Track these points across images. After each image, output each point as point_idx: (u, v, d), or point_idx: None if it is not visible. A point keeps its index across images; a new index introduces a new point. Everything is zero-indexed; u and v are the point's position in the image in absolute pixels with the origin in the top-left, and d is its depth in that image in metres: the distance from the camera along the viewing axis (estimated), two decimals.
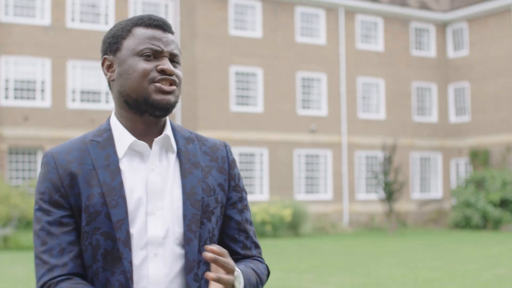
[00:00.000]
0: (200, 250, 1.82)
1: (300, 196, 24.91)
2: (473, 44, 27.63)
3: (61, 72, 22.57)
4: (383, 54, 27.37)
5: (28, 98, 22.19)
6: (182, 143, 1.88)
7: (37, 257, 1.75)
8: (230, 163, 1.94)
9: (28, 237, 17.32)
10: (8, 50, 21.99)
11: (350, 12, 26.66)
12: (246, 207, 1.97)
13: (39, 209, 1.77)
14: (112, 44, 1.85)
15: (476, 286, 10.43)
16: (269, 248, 17.46)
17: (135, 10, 23.83)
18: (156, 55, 1.80)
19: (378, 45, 27.38)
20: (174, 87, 1.80)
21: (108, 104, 23.07)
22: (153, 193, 1.78)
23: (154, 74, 1.78)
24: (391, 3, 27.16)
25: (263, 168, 24.66)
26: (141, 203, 1.77)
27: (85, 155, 1.79)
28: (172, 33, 1.86)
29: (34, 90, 22.28)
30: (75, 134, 22.06)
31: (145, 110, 1.79)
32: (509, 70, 26.18)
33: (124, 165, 1.79)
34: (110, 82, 1.86)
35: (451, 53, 28.62)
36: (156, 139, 1.81)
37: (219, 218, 1.88)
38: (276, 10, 25.20)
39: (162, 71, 1.79)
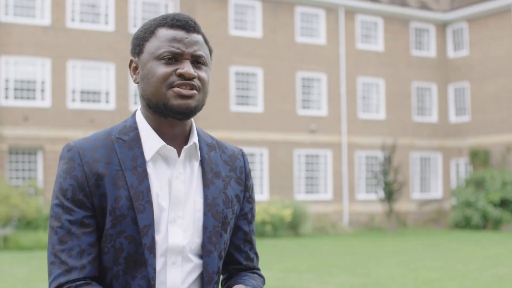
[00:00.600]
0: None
1: (300, 196, 24.91)
2: (473, 44, 27.63)
3: (61, 72, 22.56)
4: (383, 54, 27.37)
5: (28, 98, 22.18)
6: (206, 151, 1.86)
7: (54, 255, 1.70)
8: (247, 174, 1.94)
9: (28, 237, 17.32)
10: (8, 50, 21.99)
11: (350, 12, 26.66)
12: (254, 217, 1.98)
13: (60, 205, 1.72)
14: (136, 46, 1.82)
15: (476, 286, 10.43)
16: (269, 248, 17.46)
17: (135, 10, 23.83)
18: (177, 57, 1.76)
19: (378, 45, 27.38)
20: (194, 92, 1.76)
21: (108, 104, 23.08)
22: (176, 201, 1.76)
23: (173, 79, 1.75)
24: (391, 3, 27.16)
25: (263, 168, 24.66)
26: (164, 210, 1.75)
27: (112, 154, 1.75)
28: (198, 32, 1.81)
29: (34, 90, 22.28)
30: (75, 134, 22.07)
31: (167, 114, 1.76)
32: (509, 70, 26.18)
33: (150, 168, 1.76)
34: (136, 83, 1.84)
35: (451, 53, 28.62)
36: (185, 147, 1.79)
37: (231, 229, 1.89)
38: (276, 10, 25.21)
39: (181, 76, 1.75)
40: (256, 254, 1.99)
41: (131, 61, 1.84)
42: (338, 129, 26.07)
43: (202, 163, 1.84)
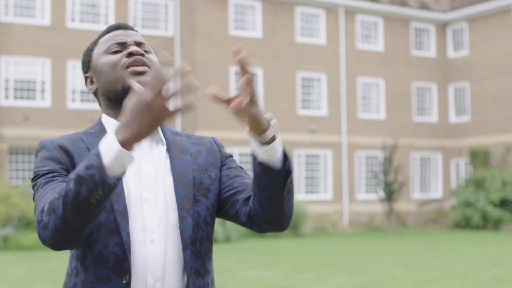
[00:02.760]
0: (201, 227, 1.82)
1: (300, 196, 24.91)
2: (473, 44, 27.63)
3: (61, 72, 22.57)
4: (383, 54, 27.38)
5: (28, 98, 22.19)
6: (170, 135, 1.91)
7: (38, 202, 1.67)
8: (218, 145, 1.99)
9: (28, 237, 17.32)
10: (8, 50, 21.99)
11: (350, 12, 26.66)
12: (234, 164, 1.96)
13: (41, 175, 1.74)
14: (85, 60, 1.93)
15: (476, 286, 10.43)
16: (269, 248, 17.46)
17: (135, 10, 23.83)
18: (122, 47, 1.86)
19: (378, 45, 27.38)
20: (145, 67, 1.82)
21: None
22: (146, 181, 1.79)
23: (124, 60, 1.82)
24: (391, 3, 27.16)
25: None
26: (136, 189, 1.77)
27: (79, 142, 1.82)
28: (134, 30, 1.93)
29: (34, 90, 22.28)
30: None
31: (126, 98, 1.80)
32: (509, 70, 26.18)
33: None
34: (95, 95, 1.91)
35: (451, 53, 28.63)
36: None
37: (217, 194, 1.90)
38: (276, 10, 25.21)
39: (130, 54, 1.82)
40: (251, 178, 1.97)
41: (86, 77, 1.93)
42: (338, 129, 26.07)
43: (167, 144, 1.88)
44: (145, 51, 1.88)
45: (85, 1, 23.18)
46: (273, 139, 1.70)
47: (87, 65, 1.92)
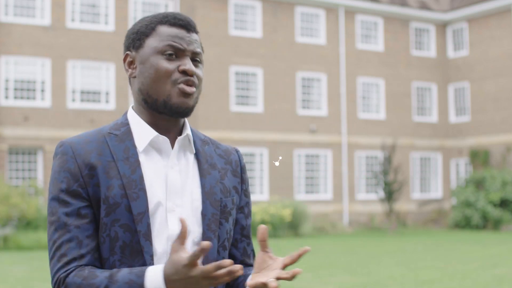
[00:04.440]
0: (219, 251, 1.81)
1: (300, 196, 24.91)
2: (473, 44, 27.63)
3: (61, 72, 22.57)
4: (383, 54, 27.37)
5: (28, 98, 22.19)
6: (199, 144, 1.87)
7: (53, 250, 1.70)
8: (242, 167, 1.95)
9: (28, 237, 17.32)
10: (8, 50, 21.99)
11: (350, 12, 26.66)
12: (250, 213, 1.98)
13: (56, 199, 1.72)
14: (136, 40, 1.81)
15: (476, 286, 10.43)
16: None
17: (135, 10, 23.83)
18: (178, 54, 1.77)
19: (378, 45, 27.38)
20: (193, 89, 1.77)
21: (108, 104, 23.08)
22: (172, 190, 1.76)
23: (176, 76, 1.76)
24: (391, 3, 27.16)
25: (263, 168, 24.66)
26: (161, 199, 1.75)
27: (104, 146, 1.76)
28: (196, 32, 1.84)
29: (34, 90, 22.28)
30: (75, 134, 22.06)
31: (163, 112, 1.77)
32: (509, 70, 26.18)
33: (143, 159, 1.77)
34: (131, 78, 1.84)
35: (451, 53, 28.62)
36: (179, 138, 1.79)
37: (234, 220, 1.88)
38: (276, 10, 25.21)
39: (184, 72, 1.76)
40: (253, 251, 1.97)
41: (127, 55, 1.83)
42: (338, 129, 26.07)
43: (197, 155, 1.84)
44: (197, 62, 1.81)
45: (85, 1, 23.18)
46: None
47: (135, 46, 1.81)
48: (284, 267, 1.66)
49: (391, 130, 27.12)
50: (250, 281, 1.64)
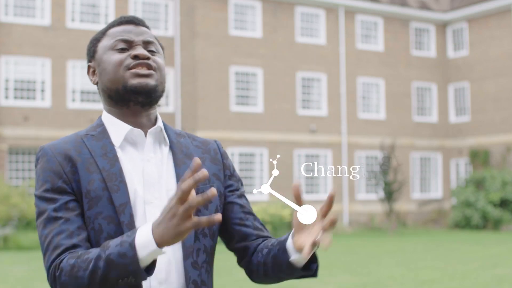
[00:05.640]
0: (198, 237, 1.81)
1: None
2: (473, 44, 27.63)
3: (61, 72, 22.57)
4: (383, 54, 27.38)
5: (28, 98, 22.19)
6: (174, 137, 1.89)
7: (45, 244, 1.71)
8: (222, 154, 1.97)
9: (28, 237, 17.31)
10: (8, 50, 21.99)
11: (350, 12, 26.66)
12: (244, 195, 1.98)
13: (43, 198, 1.74)
14: (90, 49, 1.90)
15: (476, 286, 10.43)
16: None
17: (135, 10, 23.83)
18: (129, 46, 1.83)
19: (378, 45, 27.38)
20: (151, 71, 1.80)
21: None
22: (150, 183, 1.79)
23: (129, 61, 1.80)
24: (391, 3, 27.16)
25: (263, 168, 24.66)
26: (139, 192, 1.77)
27: (81, 146, 1.79)
28: (146, 26, 1.89)
29: (34, 90, 22.28)
30: None
31: (128, 99, 1.80)
32: (509, 70, 26.18)
33: (120, 154, 1.80)
34: (97, 86, 1.89)
35: (451, 53, 28.63)
36: (150, 130, 1.82)
37: (218, 207, 1.88)
38: (276, 10, 25.21)
39: (136, 57, 1.80)
40: (262, 225, 1.96)
41: (88, 67, 1.90)
42: (338, 129, 26.07)
43: (171, 147, 1.86)
44: (152, 51, 1.85)
45: (85, 1, 23.18)
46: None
47: (91, 55, 1.90)
48: (324, 216, 1.66)
49: (391, 130, 27.13)
50: (297, 242, 1.66)
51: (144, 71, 1.79)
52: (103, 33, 1.88)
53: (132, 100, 1.80)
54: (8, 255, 15.60)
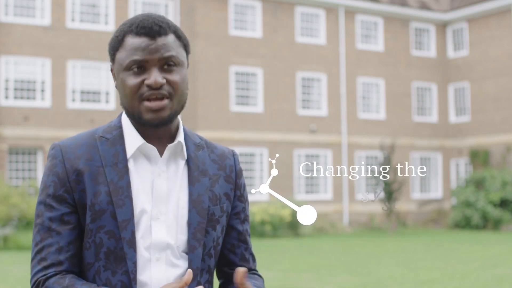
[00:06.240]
0: (204, 259, 1.81)
1: (300, 196, 24.90)
2: (473, 44, 27.63)
3: (61, 72, 22.57)
4: (383, 54, 27.38)
5: (28, 98, 22.19)
6: (192, 149, 1.85)
7: (35, 251, 1.75)
8: (237, 173, 1.94)
9: (28, 237, 17.30)
10: (8, 50, 21.99)
11: (350, 12, 26.66)
12: (247, 217, 1.97)
13: (43, 203, 1.76)
14: (110, 55, 1.85)
15: (476, 286, 10.43)
16: (269, 248, 17.46)
17: (135, 10, 23.83)
18: (144, 66, 1.76)
19: (378, 45, 27.38)
20: (163, 103, 1.74)
21: (108, 104, 23.08)
22: (158, 198, 1.77)
23: (142, 90, 1.75)
24: (391, 3, 27.16)
25: (263, 168, 24.66)
26: (146, 206, 1.76)
27: (94, 151, 1.77)
28: (165, 34, 1.78)
29: (34, 90, 22.28)
30: (75, 134, 22.01)
31: (144, 124, 1.78)
32: (509, 70, 26.18)
33: (132, 165, 1.78)
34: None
35: (451, 53, 28.62)
36: (169, 146, 1.79)
37: (224, 227, 1.88)
38: (276, 10, 25.21)
39: (149, 86, 1.74)
40: (252, 255, 1.97)
41: (112, 68, 1.87)
42: (338, 129, 26.07)
43: (188, 161, 1.83)
44: (170, 65, 1.76)
45: (85, 1, 23.18)
46: None
47: (111, 61, 1.84)
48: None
49: (391, 130, 27.12)
50: None
51: (156, 105, 1.74)
52: (120, 41, 1.80)
53: (148, 126, 1.78)
54: (8, 255, 15.60)
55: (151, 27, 1.77)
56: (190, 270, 1.65)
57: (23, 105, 22.03)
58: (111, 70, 1.86)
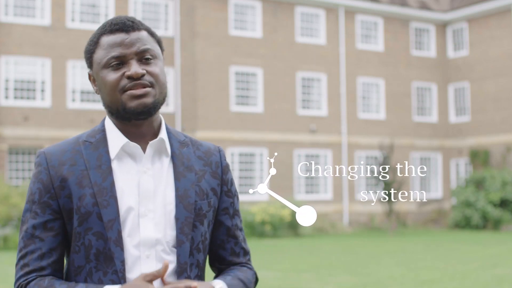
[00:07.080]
0: (193, 253, 1.82)
1: (300, 196, 24.90)
2: (473, 44, 27.63)
3: (61, 72, 22.57)
4: (383, 54, 27.37)
5: (28, 98, 22.19)
6: (177, 147, 1.88)
7: (19, 257, 1.79)
8: (223, 168, 1.95)
9: None
10: (8, 50, 21.99)
11: (350, 12, 26.66)
12: (237, 212, 1.98)
13: (28, 210, 1.80)
14: (87, 59, 1.88)
15: (476, 286, 10.43)
16: (269, 248, 17.46)
17: (135, 10, 23.83)
18: (122, 60, 1.80)
19: (378, 45, 27.38)
20: (147, 89, 1.78)
21: None
22: (145, 195, 1.79)
23: (124, 83, 1.79)
24: (391, 3, 27.16)
25: (263, 168, 24.66)
26: (133, 204, 1.78)
27: (78, 156, 1.80)
28: (138, 29, 1.83)
29: (34, 90, 22.28)
30: (75, 134, 22.02)
31: (129, 118, 1.80)
32: (509, 70, 26.18)
33: (115, 165, 1.80)
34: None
35: (451, 53, 28.62)
36: (151, 142, 1.81)
37: (211, 222, 1.90)
38: (276, 10, 25.21)
39: (130, 77, 1.78)
40: (243, 249, 1.98)
41: (89, 74, 1.89)
42: (338, 129, 26.07)
43: (173, 158, 1.86)
44: (148, 59, 1.81)
45: (85, 1, 23.18)
46: None
47: (89, 65, 1.88)
48: None
49: (391, 130, 27.12)
50: None
51: (139, 91, 1.78)
52: (96, 43, 1.84)
53: (133, 118, 1.81)
54: (8, 255, 15.60)
55: (124, 23, 1.82)
56: (166, 261, 1.67)
57: (23, 105, 22.03)
58: (89, 77, 1.89)
